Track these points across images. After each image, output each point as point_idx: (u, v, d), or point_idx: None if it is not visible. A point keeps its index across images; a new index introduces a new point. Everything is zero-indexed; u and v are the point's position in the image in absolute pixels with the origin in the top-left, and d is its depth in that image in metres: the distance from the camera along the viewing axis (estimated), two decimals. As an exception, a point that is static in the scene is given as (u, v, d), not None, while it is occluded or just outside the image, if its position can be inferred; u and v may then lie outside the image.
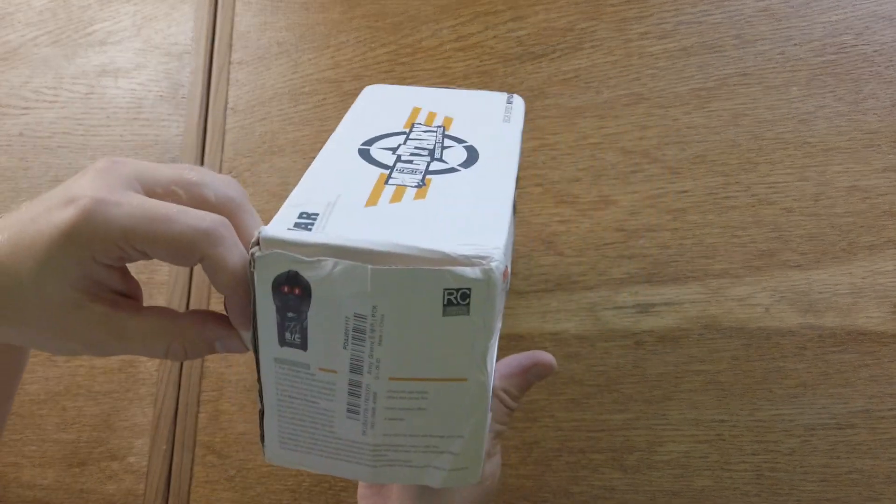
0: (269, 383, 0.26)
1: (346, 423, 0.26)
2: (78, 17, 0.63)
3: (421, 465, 0.27)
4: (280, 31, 0.55)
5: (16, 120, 0.62)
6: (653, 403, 0.41)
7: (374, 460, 0.27)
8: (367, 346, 0.25)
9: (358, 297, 0.24)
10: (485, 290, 0.23)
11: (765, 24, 0.43)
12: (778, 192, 0.41)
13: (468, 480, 0.28)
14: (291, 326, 0.25)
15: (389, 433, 0.26)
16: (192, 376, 0.52)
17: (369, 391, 0.25)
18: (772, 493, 0.38)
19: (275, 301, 0.24)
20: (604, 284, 0.43)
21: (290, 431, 0.27)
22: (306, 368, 0.25)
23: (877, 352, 0.38)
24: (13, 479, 0.54)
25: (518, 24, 0.48)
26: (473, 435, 0.27)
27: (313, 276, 0.23)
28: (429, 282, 0.23)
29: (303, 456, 0.28)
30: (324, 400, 0.26)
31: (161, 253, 0.25)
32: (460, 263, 0.23)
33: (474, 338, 0.24)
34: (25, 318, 0.26)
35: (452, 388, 0.25)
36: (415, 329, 0.24)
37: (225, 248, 0.25)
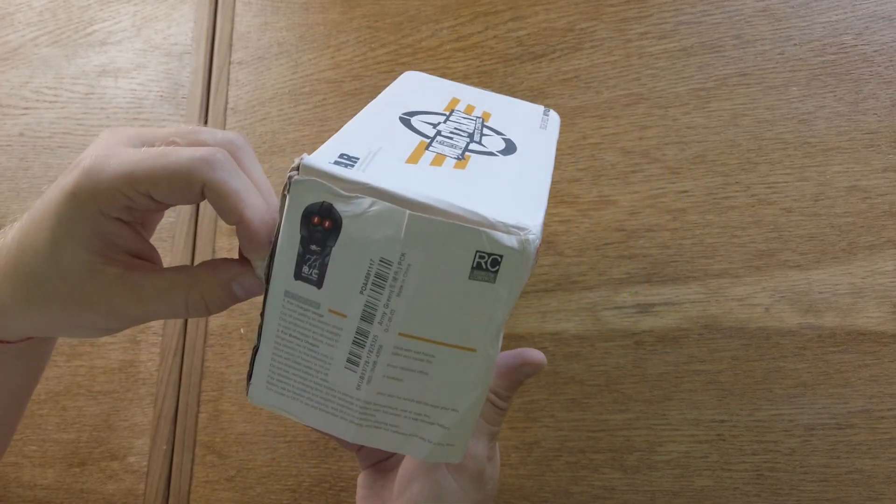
0: (272, 317, 0.25)
1: (343, 374, 0.26)
2: (78, 17, 0.63)
3: (408, 432, 0.26)
4: (280, 31, 0.55)
5: (16, 120, 0.62)
6: (653, 403, 0.41)
7: (361, 418, 0.26)
8: (384, 295, 0.24)
9: (388, 241, 0.23)
10: (517, 260, 0.23)
11: (764, 24, 0.43)
12: (778, 193, 0.41)
13: (451, 458, 0.27)
14: (311, 260, 0.24)
15: (384, 392, 0.26)
16: (192, 376, 0.52)
17: (375, 343, 0.25)
18: (772, 493, 0.38)
19: (301, 230, 0.23)
20: (604, 284, 0.43)
21: (282, 373, 0.26)
22: (316, 308, 0.25)
23: (877, 352, 0.38)
24: (13, 478, 0.54)
25: (518, 25, 0.48)
26: (468, 411, 0.26)
27: (348, 211, 0.23)
28: (464, 239, 0.23)
29: (288, 401, 0.27)
30: (325, 345, 0.25)
31: (163, 189, 0.24)
32: (498, 229, 0.23)
33: (494, 308, 0.24)
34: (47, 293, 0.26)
35: (460, 356, 0.25)
36: (438, 286, 0.24)
37: (226, 171, 0.24)
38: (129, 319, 0.27)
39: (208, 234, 0.54)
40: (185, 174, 0.24)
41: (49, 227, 0.25)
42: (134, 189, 0.24)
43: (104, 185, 0.24)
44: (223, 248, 0.53)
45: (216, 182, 0.24)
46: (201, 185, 0.24)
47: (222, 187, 0.24)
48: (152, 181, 0.24)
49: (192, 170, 0.24)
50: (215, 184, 0.24)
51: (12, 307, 0.27)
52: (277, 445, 0.49)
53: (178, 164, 0.24)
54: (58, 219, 0.25)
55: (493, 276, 0.23)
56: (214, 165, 0.24)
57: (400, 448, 0.27)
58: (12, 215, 0.60)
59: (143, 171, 0.24)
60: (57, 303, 0.26)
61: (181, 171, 0.24)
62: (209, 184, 0.24)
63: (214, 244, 0.54)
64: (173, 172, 0.24)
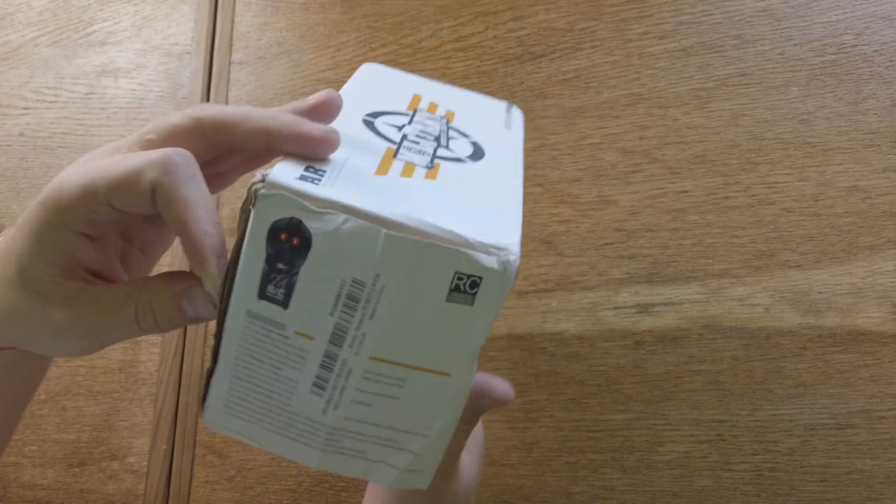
0: (231, 338, 0.24)
1: (308, 398, 0.24)
2: (78, 17, 0.63)
3: (375, 459, 0.26)
4: (280, 31, 0.55)
5: (16, 120, 0.62)
6: (653, 403, 0.41)
7: (325, 444, 0.25)
8: (356, 318, 0.23)
9: (362, 261, 0.22)
10: (498, 281, 0.22)
11: (765, 24, 0.43)
12: (778, 193, 0.41)
13: (418, 484, 0.26)
14: (278, 279, 0.23)
15: (352, 418, 0.25)
16: (192, 376, 0.52)
17: (344, 367, 0.24)
18: (772, 494, 0.38)
19: (267, 247, 0.22)
20: (604, 284, 0.43)
21: (241, 396, 0.25)
22: (281, 329, 0.23)
23: (877, 352, 0.38)
24: (13, 479, 0.54)
25: (518, 25, 0.48)
26: (439, 436, 0.25)
27: (318, 228, 0.22)
28: (443, 260, 0.22)
29: (246, 425, 0.26)
30: (290, 368, 0.24)
31: (118, 196, 0.23)
32: (478, 250, 0.22)
33: (471, 331, 0.23)
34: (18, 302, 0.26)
35: (434, 381, 0.24)
36: (413, 309, 0.23)
37: (177, 176, 0.23)
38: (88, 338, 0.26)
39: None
40: (137, 176, 0.23)
41: (20, 237, 0.25)
42: (94, 199, 0.23)
43: (66, 195, 0.24)
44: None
45: (165, 186, 0.23)
46: (151, 189, 0.23)
47: (170, 193, 0.23)
48: (109, 188, 0.23)
49: (144, 172, 0.23)
50: (164, 188, 0.23)
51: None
52: (277, 445, 0.49)
53: (132, 167, 0.23)
54: (29, 228, 0.25)
55: (472, 299, 0.22)
56: (168, 168, 0.23)
57: (366, 475, 0.26)
58: (12, 215, 0.60)
59: (102, 179, 0.23)
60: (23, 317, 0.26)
61: (133, 173, 0.23)
62: (159, 187, 0.23)
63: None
64: (127, 175, 0.23)
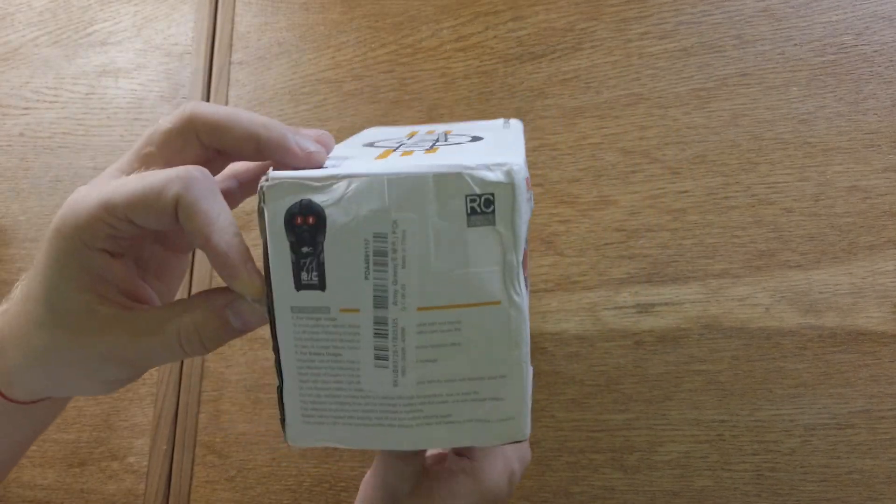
0: (287, 343, 0.24)
1: (375, 375, 0.24)
2: (78, 17, 0.63)
3: (463, 419, 0.25)
4: (280, 31, 0.55)
5: (16, 120, 0.62)
6: (653, 403, 0.41)
7: (409, 418, 0.25)
8: (390, 271, 0.23)
9: (376, 214, 0.22)
10: (509, 194, 0.22)
11: (765, 24, 0.43)
12: (778, 193, 0.41)
13: (517, 434, 0.25)
14: (308, 263, 0.23)
15: (424, 380, 0.24)
16: (192, 376, 0.52)
17: (397, 327, 0.24)
18: (772, 494, 0.38)
19: (288, 236, 0.23)
20: (604, 284, 0.43)
21: (314, 400, 0.25)
22: (326, 313, 0.24)
23: (877, 352, 0.38)
24: (14, 479, 0.54)
25: (518, 25, 0.48)
26: (516, 372, 0.24)
27: (327, 199, 0.23)
28: (450, 188, 0.22)
29: (330, 429, 0.25)
30: (348, 349, 0.24)
31: (140, 212, 0.24)
32: (481, 170, 0.22)
33: (503, 250, 0.23)
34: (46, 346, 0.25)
35: (486, 313, 0.24)
36: (439, 245, 0.23)
37: (198, 191, 0.24)
38: (131, 365, 0.26)
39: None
40: (159, 193, 0.23)
41: (42, 271, 0.25)
42: (113, 215, 0.24)
43: (84, 215, 0.24)
44: (223, 248, 0.53)
45: (187, 201, 0.23)
46: (174, 204, 0.24)
47: (193, 207, 0.23)
48: (129, 205, 0.24)
49: (166, 188, 0.23)
50: (186, 202, 0.23)
51: (17, 369, 0.26)
52: (278, 445, 0.49)
53: (153, 184, 0.24)
54: (48, 259, 0.25)
55: (492, 217, 0.23)
56: (189, 184, 0.24)
57: (462, 440, 0.25)
58: (12, 215, 0.60)
59: (120, 196, 0.24)
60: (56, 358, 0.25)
61: (155, 190, 0.23)
62: (181, 202, 0.23)
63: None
64: (148, 193, 0.24)
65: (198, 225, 0.24)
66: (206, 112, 0.26)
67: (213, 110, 0.26)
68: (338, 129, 0.52)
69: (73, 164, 0.59)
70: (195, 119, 0.26)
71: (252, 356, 0.50)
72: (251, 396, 0.50)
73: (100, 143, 0.59)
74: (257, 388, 0.50)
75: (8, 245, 0.60)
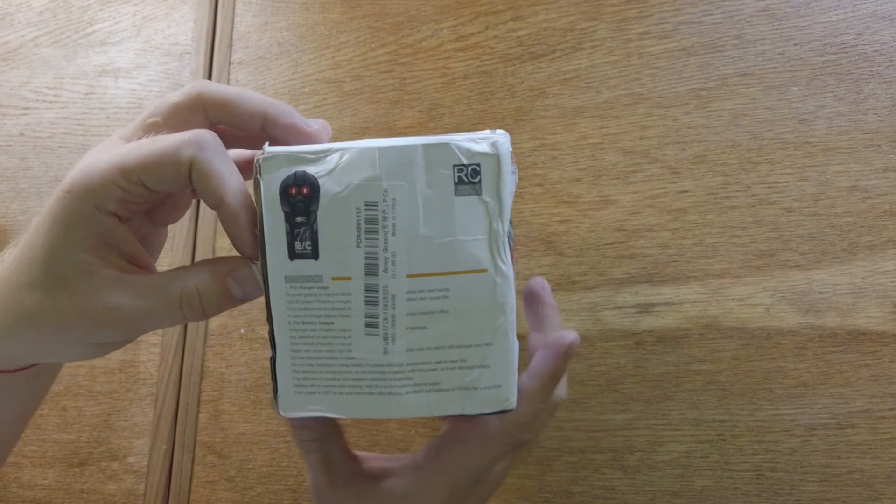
0: (279, 311, 0.25)
1: (366, 343, 0.25)
2: (78, 17, 0.63)
3: (451, 387, 0.25)
4: (280, 31, 0.55)
5: (16, 120, 0.62)
6: (653, 403, 0.41)
7: (399, 386, 0.25)
8: (380, 239, 0.24)
9: (367, 182, 0.23)
10: (495, 164, 0.24)
11: (765, 24, 0.43)
12: (778, 192, 0.41)
13: (503, 403, 0.26)
14: (301, 233, 0.24)
15: (413, 347, 0.25)
16: (192, 376, 0.52)
17: (387, 294, 0.24)
18: (772, 493, 0.38)
19: (283, 207, 0.24)
20: (604, 284, 0.43)
21: (306, 370, 0.25)
22: (319, 282, 0.24)
23: (877, 352, 0.38)
24: (13, 478, 0.54)
25: (518, 24, 0.48)
26: (501, 340, 0.25)
27: (321, 170, 0.24)
28: (439, 157, 0.23)
29: (321, 398, 0.26)
30: (340, 317, 0.25)
31: (154, 174, 0.24)
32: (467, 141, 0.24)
33: (489, 219, 0.24)
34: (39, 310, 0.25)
35: (474, 281, 0.24)
36: (428, 213, 0.24)
37: (212, 152, 0.24)
38: (126, 326, 0.26)
39: (208, 234, 0.54)
40: (173, 154, 0.24)
41: (45, 231, 0.25)
42: (127, 178, 0.24)
43: (97, 178, 0.24)
44: (223, 248, 0.53)
45: (202, 161, 0.24)
46: (189, 165, 0.24)
47: (207, 167, 0.24)
48: (143, 167, 0.24)
49: (181, 150, 0.24)
50: (201, 163, 0.24)
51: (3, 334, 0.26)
52: (278, 445, 0.49)
53: (167, 146, 0.24)
54: (54, 220, 0.25)
55: (478, 187, 0.24)
56: (203, 146, 0.24)
57: (448, 408, 0.25)
58: (12, 215, 0.60)
59: (134, 159, 0.24)
60: (49, 319, 0.25)
61: (169, 151, 0.24)
62: (196, 163, 0.24)
63: (214, 244, 0.54)
64: (162, 155, 0.24)
65: (212, 185, 0.24)
66: (215, 89, 0.26)
67: (221, 88, 0.27)
68: (337, 129, 0.52)
69: (73, 163, 0.59)
70: (204, 95, 0.26)
71: (252, 356, 0.50)
72: (251, 396, 0.50)
73: (100, 142, 0.59)
74: (257, 389, 0.50)
75: (8, 245, 0.60)
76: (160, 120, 0.26)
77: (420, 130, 0.49)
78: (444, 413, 0.26)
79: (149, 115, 0.27)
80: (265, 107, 0.27)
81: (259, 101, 0.27)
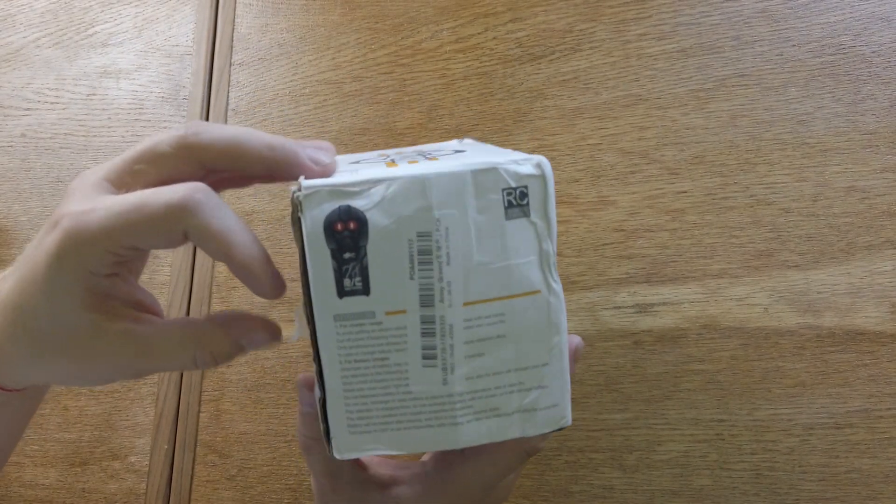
0: (329, 353, 0.24)
1: (424, 375, 0.24)
2: (79, 18, 0.63)
3: (510, 411, 0.25)
4: (281, 32, 0.56)
5: (18, 121, 0.62)
6: (652, 403, 0.41)
7: (460, 415, 0.25)
8: (435, 269, 0.23)
9: (419, 213, 0.23)
10: (541, 185, 0.24)
11: (763, 25, 0.43)
12: (776, 193, 0.41)
13: (561, 421, 0.25)
14: (350, 269, 0.23)
15: (472, 375, 0.24)
16: (193, 376, 0.52)
17: (444, 324, 0.24)
18: (771, 493, 0.38)
19: (328, 244, 0.23)
20: (603, 285, 0.43)
21: (360, 409, 0.25)
22: (371, 318, 0.24)
23: (875, 351, 0.38)
24: (15, 478, 0.55)
25: (517, 26, 0.48)
26: (557, 358, 0.25)
27: (367, 203, 0.23)
28: (488, 182, 0.23)
29: (378, 436, 0.25)
30: (395, 352, 0.24)
31: (146, 240, 0.24)
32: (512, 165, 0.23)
33: (538, 240, 0.24)
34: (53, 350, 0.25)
35: (528, 303, 0.24)
36: (480, 239, 0.23)
37: (206, 213, 0.23)
38: (139, 373, 0.26)
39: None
40: (165, 223, 0.23)
41: (42, 291, 0.24)
42: (117, 244, 0.23)
43: (88, 246, 0.23)
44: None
45: (197, 227, 0.23)
46: (184, 232, 0.23)
47: (205, 230, 0.23)
48: (134, 235, 0.23)
49: (170, 219, 0.23)
50: (197, 230, 0.23)
51: (17, 361, 0.26)
52: (278, 445, 0.49)
53: (157, 213, 0.23)
54: (50, 282, 0.24)
55: (527, 209, 0.24)
56: (194, 210, 0.23)
57: (508, 433, 0.25)
58: (14, 216, 0.60)
59: (123, 226, 0.23)
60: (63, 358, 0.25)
61: (159, 220, 0.23)
62: (191, 230, 0.23)
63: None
64: (153, 223, 0.23)
65: (214, 246, 0.23)
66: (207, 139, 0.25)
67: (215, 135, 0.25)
68: (338, 131, 0.52)
69: (75, 164, 0.60)
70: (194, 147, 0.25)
71: (253, 356, 0.50)
72: (252, 396, 0.50)
73: (101, 143, 0.59)
74: (258, 388, 0.50)
75: (9, 245, 0.60)
76: (147, 168, 0.25)
77: (420, 131, 0.49)
78: (506, 437, 0.25)
79: (136, 158, 0.25)
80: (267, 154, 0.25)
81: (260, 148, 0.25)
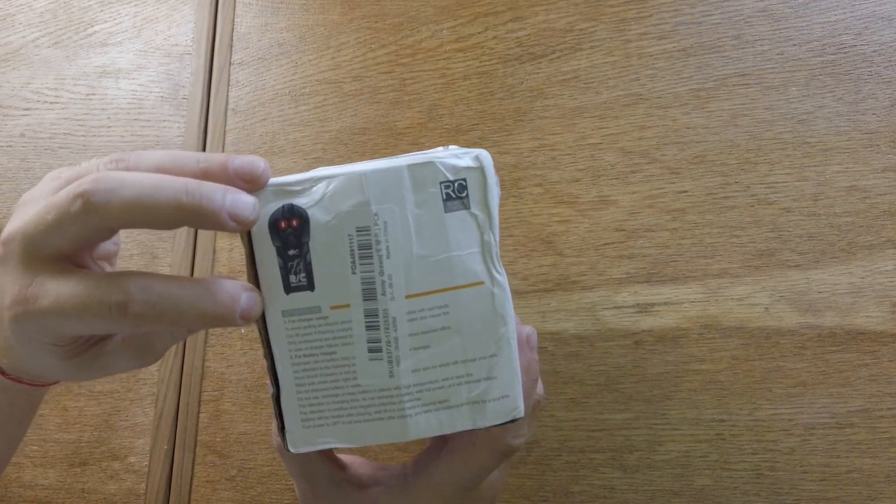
0: (280, 348, 0.25)
1: (370, 368, 0.25)
2: (79, 18, 0.63)
3: (459, 402, 0.25)
4: (280, 32, 0.56)
5: (17, 121, 0.62)
6: (652, 403, 0.41)
7: (408, 408, 0.25)
8: (375, 263, 0.24)
9: (357, 208, 0.24)
10: (480, 177, 0.24)
11: (764, 24, 0.43)
12: (777, 192, 0.41)
13: (513, 412, 0.26)
14: (295, 266, 0.24)
15: (419, 367, 0.25)
16: (192, 376, 0.52)
17: (388, 317, 0.24)
18: (771, 493, 0.38)
19: (274, 242, 0.24)
20: (603, 284, 0.43)
21: (312, 402, 0.25)
22: (318, 312, 0.24)
23: (876, 351, 0.38)
24: (14, 478, 0.55)
25: (518, 25, 0.48)
26: (505, 349, 0.25)
27: (308, 201, 0.24)
28: (424, 177, 0.24)
29: (331, 429, 0.25)
30: (342, 346, 0.25)
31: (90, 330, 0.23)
32: (450, 158, 0.24)
33: (480, 232, 0.24)
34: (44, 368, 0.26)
35: (472, 294, 0.25)
36: (420, 232, 0.24)
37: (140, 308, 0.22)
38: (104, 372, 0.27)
39: (209, 232, 0.54)
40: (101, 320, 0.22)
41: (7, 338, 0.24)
42: (61, 331, 0.23)
43: (37, 333, 0.23)
44: (223, 247, 0.54)
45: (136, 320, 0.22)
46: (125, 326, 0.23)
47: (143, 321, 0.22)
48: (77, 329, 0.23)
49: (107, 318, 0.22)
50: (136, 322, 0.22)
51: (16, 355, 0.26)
52: (278, 445, 0.49)
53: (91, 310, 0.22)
54: (14, 337, 0.24)
55: (466, 201, 0.24)
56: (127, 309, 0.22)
57: (458, 424, 0.25)
58: (13, 216, 0.60)
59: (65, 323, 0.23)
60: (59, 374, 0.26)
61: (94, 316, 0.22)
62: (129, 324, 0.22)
63: (215, 244, 0.54)
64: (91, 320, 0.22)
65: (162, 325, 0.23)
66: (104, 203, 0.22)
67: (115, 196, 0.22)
68: (337, 130, 0.52)
69: (74, 164, 0.59)
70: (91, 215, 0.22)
71: (252, 356, 0.50)
72: (251, 396, 0.50)
73: (100, 143, 0.59)
74: (258, 388, 0.50)
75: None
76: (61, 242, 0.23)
77: (420, 131, 0.49)
78: (455, 429, 0.26)
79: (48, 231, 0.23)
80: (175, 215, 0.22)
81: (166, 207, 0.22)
